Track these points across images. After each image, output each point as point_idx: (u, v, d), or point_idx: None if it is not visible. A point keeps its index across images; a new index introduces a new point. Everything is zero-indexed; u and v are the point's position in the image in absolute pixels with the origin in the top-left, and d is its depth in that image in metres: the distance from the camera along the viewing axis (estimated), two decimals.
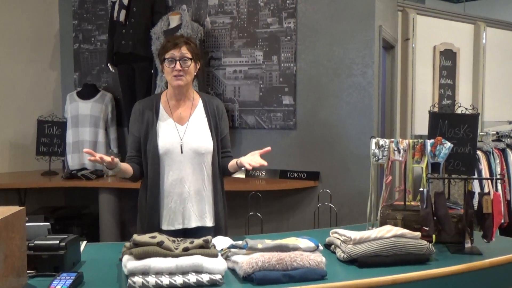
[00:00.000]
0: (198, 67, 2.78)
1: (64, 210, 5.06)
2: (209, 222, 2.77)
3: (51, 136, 5.16)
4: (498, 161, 5.08)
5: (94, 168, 4.95)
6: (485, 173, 4.91)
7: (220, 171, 2.85)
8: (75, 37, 5.50)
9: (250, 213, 4.11)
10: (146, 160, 2.72)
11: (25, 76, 5.32)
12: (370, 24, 4.37)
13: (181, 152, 2.68)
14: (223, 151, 2.85)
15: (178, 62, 2.64)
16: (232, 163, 2.76)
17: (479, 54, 6.14)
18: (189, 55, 2.68)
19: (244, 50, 4.77)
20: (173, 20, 4.73)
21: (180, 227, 2.72)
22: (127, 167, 2.68)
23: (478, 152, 4.86)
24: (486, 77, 6.19)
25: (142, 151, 2.73)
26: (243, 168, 2.70)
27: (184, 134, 2.71)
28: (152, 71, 4.79)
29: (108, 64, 5.01)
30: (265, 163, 2.55)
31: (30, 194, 5.03)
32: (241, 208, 4.20)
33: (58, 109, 5.48)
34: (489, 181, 4.76)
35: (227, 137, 2.88)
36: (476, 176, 4.42)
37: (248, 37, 4.76)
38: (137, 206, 2.88)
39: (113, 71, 5.05)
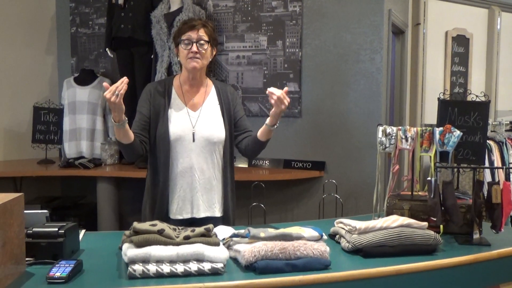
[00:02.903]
0: (214, 53, 2.75)
1: (60, 199, 5.02)
2: (217, 212, 2.74)
3: (47, 123, 5.10)
4: (511, 151, 5.05)
5: (92, 157, 4.92)
6: (498, 163, 4.96)
7: (232, 161, 2.83)
8: (72, 20, 5.41)
9: (253, 204, 4.07)
10: (155, 146, 2.68)
11: (20, 61, 5.24)
12: (379, 7, 4.30)
13: (193, 141, 2.64)
14: (245, 131, 2.78)
15: (194, 44, 2.61)
16: (261, 129, 2.63)
17: (493, 40, 6.11)
18: (206, 38, 2.65)
19: (247, 35, 4.69)
20: (174, 3, 4.65)
21: (189, 216, 2.68)
22: (130, 131, 2.52)
23: (491, 142, 4.86)
24: (500, 64, 6.16)
25: (152, 136, 2.68)
26: (275, 126, 2.57)
27: (196, 121, 2.67)
28: (152, 56, 4.71)
29: (107, 49, 4.93)
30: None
31: (26, 183, 4.97)
32: (243, 198, 4.11)
33: (55, 95, 5.42)
34: (501, 171, 4.71)
35: (244, 118, 2.82)
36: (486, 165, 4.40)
37: (252, 21, 4.67)
38: (136, 196, 2.84)
39: (112, 56, 4.98)
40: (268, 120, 2.57)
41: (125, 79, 2.31)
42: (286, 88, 2.51)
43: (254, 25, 4.65)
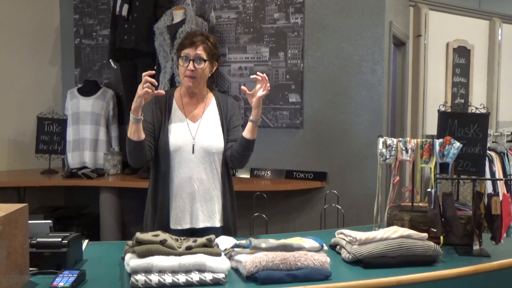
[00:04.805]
0: (215, 67, 2.77)
1: (63, 209, 5.02)
2: (217, 223, 2.74)
3: (51, 133, 5.12)
4: None
5: (94, 167, 4.92)
6: (499, 174, 4.87)
7: (230, 171, 2.83)
8: (76, 32, 5.45)
9: (255, 214, 4.07)
10: (156, 157, 2.70)
11: (24, 72, 5.27)
12: (380, 19, 4.31)
13: (193, 152, 2.65)
14: (235, 140, 2.73)
15: (191, 62, 2.63)
16: (246, 127, 2.64)
17: (494, 51, 6.09)
18: (204, 56, 2.66)
19: (249, 46, 4.71)
20: (177, 15, 4.67)
21: (188, 226, 2.69)
22: (142, 131, 2.55)
23: (492, 153, 4.84)
24: (501, 76, 6.14)
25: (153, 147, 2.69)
26: (259, 122, 2.61)
27: (196, 133, 2.69)
28: (155, 68, 4.72)
29: (110, 60, 4.96)
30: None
31: (29, 193, 4.98)
32: (245, 208, 4.14)
33: (58, 106, 5.45)
34: (502, 182, 4.64)
35: (238, 128, 2.80)
36: (486, 177, 4.34)
37: (254, 33, 4.69)
38: (139, 206, 2.85)
39: (115, 67, 4.99)
40: (252, 115, 2.59)
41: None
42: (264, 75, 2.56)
43: (256, 36, 4.67)
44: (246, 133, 2.64)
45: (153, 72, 2.46)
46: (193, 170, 2.66)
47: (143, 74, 2.40)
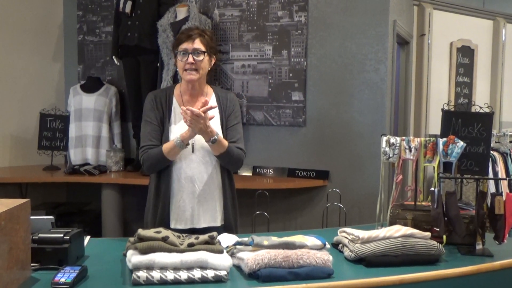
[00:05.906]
0: (213, 61, 2.74)
1: (65, 206, 5.03)
2: (219, 222, 2.73)
3: (53, 130, 5.12)
4: None
5: (97, 164, 4.94)
6: (502, 174, 4.86)
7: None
8: (80, 28, 5.45)
9: (257, 212, 4.07)
10: None
11: (27, 68, 5.27)
12: (384, 18, 4.30)
13: (192, 151, 2.64)
14: (229, 142, 2.71)
15: (190, 55, 2.61)
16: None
17: (498, 51, 6.08)
18: (203, 48, 2.64)
19: (253, 44, 4.70)
20: (180, 12, 4.67)
21: (189, 226, 2.67)
22: None
23: (495, 153, 4.84)
24: (505, 76, 6.14)
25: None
26: (210, 142, 2.56)
27: None
28: (158, 65, 4.73)
29: (113, 57, 4.95)
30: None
31: (31, 189, 4.98)
32: (247, 206, 4.15)
33: (61, 102, 5.45)
34: (505, 183, 4.63)
35: (234, 127, 2.77)
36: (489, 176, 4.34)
37: (258, 31, 4.69)
38: (140, 203, 2.83)
39: (118, 64, 5.00)
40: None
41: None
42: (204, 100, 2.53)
43: (260, 34, 4.66)
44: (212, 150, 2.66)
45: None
46: (194, 169, 2.65)
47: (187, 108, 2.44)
